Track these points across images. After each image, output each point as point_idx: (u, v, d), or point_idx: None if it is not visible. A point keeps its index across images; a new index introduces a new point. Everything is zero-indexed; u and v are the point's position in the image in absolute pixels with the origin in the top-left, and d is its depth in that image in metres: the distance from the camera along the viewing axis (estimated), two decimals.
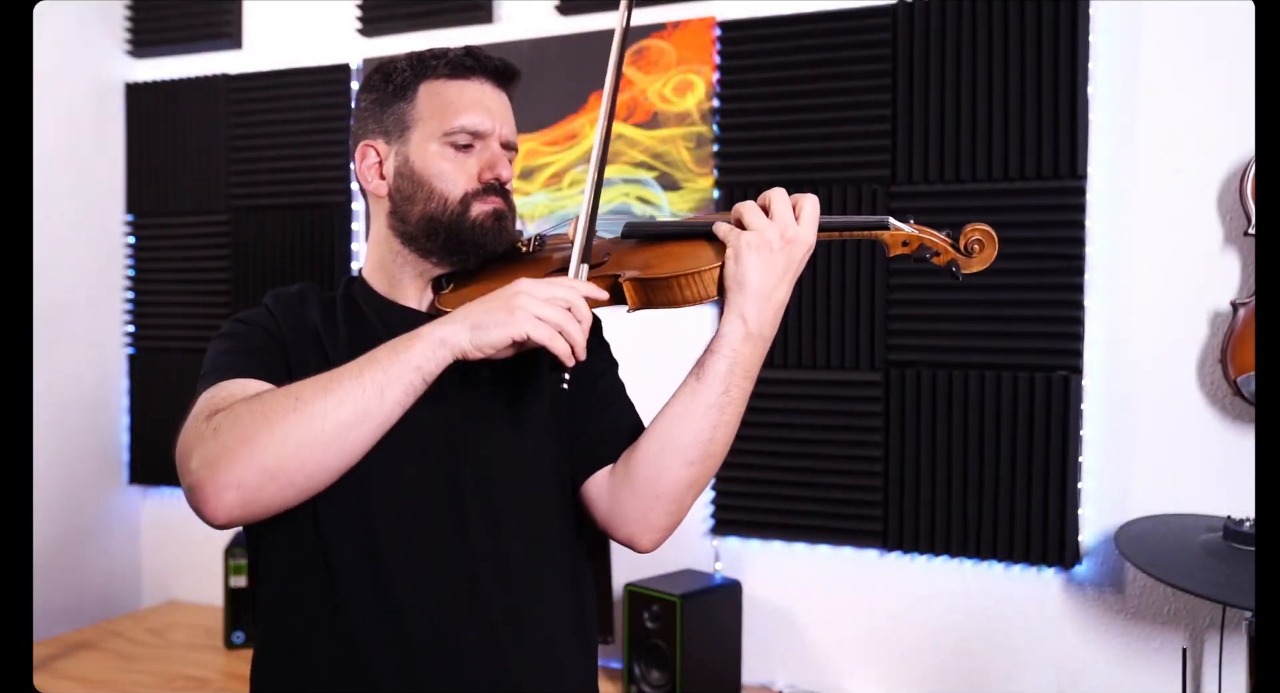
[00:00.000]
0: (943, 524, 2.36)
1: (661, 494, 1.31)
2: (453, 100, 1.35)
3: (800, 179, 2.48)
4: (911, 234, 1.34)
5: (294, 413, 1.14)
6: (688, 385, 1.30)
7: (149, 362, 3.21)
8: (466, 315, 1.19)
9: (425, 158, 1.35)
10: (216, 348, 1.35)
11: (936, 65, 2.36)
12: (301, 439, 1.13)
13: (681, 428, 1.28)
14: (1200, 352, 2.21)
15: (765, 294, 1.26)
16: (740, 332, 1.27)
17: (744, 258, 1.26)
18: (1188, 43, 2.21)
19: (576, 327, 1.19)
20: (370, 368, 1.17)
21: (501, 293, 1.20)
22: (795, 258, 1.28)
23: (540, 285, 1.20)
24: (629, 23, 1.35)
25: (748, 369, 1.28)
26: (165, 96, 3.20)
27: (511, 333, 1.17)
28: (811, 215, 1.29)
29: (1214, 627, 2.17)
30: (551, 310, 1.18)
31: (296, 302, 1.41)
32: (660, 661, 2.35)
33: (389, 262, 1.40)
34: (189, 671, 2.61)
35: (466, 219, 1.34)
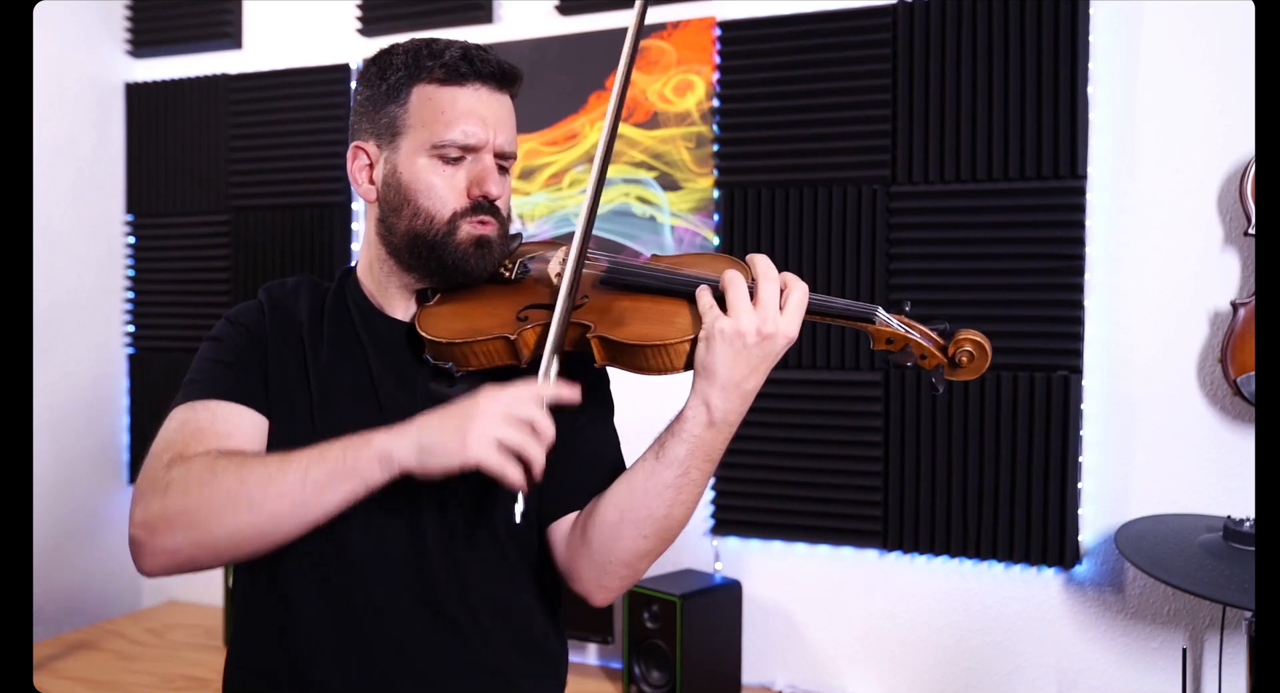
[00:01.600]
0: (943, 524, 2.36)
1: (615, 561, 1.29)
2: (444, 110, 1.29)
3: (800, 179, 2.48)
4: (898, 333, 1.25)
5: (234, 496, 1.14)
6: (646, 462, 1.25)
7: (149, 362, 3.21)
8: (419, 433, 1.13)
9: (413, 170, 1.30)
10: (203, 352, 1.36)
11: (936, 65, 2.36)
12: (237, 523, 1.15)
13: (638, 501, 1.25)
14: (1200, 352, 2.21)
15: (733, 385, 1.19)
16: (703, 418, 1.21)
17: (715, 347, 1.19)
18: (1188, 43, 2.21)
19: (536, 447, 1.11)
20: (317, 465, 1.14)
21: (460, 409, 1.13)
22: (772, 351, 1.20)
23: (501, 402, 1.12)
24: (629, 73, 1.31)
25: (709, 453, 1.23)
26: (165, 96, 3.20)
27: (461, 461, 1.11)
28: (797, 308, 1.21)
29: (1214, 627, 2.17)
30: (510, 431, 1.10)
31: (289, 298, 1.40)
32: (660, 661, 2.35)
33: (376, 267, 1.38)
34: (189, 671, 2.61)
35: (452, 242, 1.29)
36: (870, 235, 2.41)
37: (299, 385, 1.33)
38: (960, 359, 1.25)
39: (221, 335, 1.36)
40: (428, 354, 1.31)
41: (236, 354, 1.33)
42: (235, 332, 1.36)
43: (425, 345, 1.31)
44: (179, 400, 1.30)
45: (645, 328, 1.23)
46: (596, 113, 2.69)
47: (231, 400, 1.29)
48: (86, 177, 3.13)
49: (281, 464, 1.16)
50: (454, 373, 1.30)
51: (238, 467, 1.17)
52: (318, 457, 1.15)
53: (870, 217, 2.41)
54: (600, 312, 1.27)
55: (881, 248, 2.40)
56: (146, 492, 1.19)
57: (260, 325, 1.37)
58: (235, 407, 1.29)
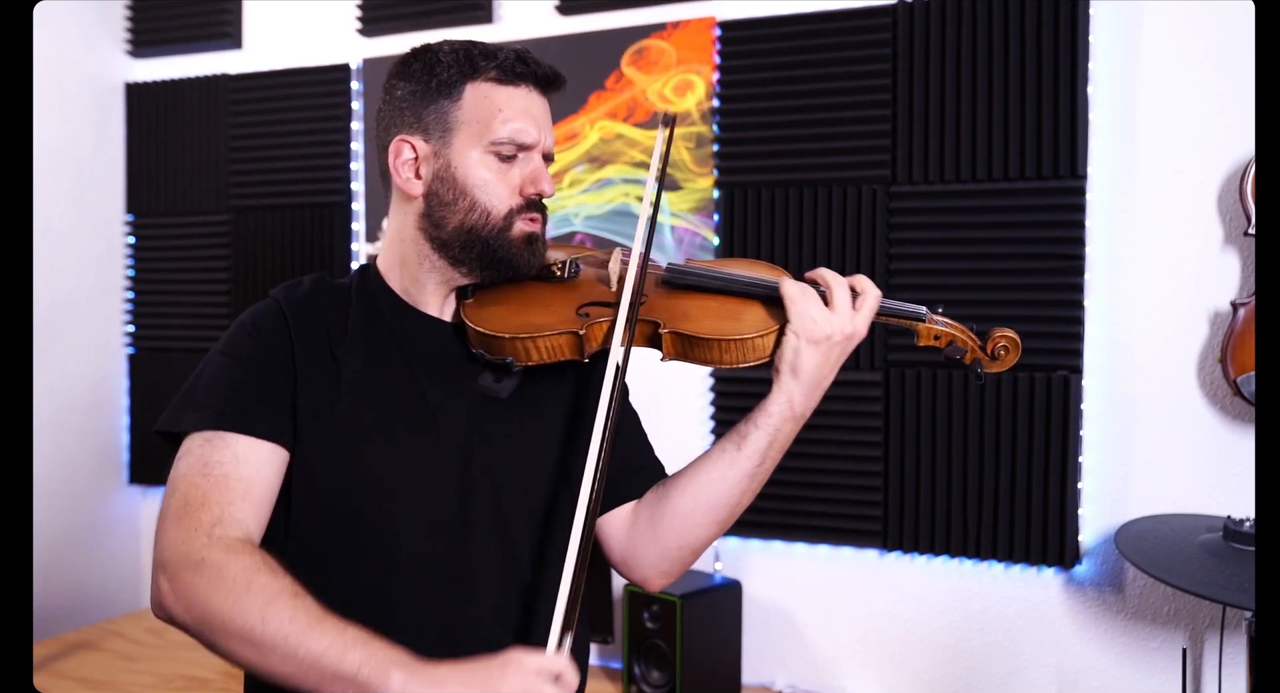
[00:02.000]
0: (943, 524, 2.36)
1: (684, 546, 1.37)
2: (501, 107, 1.30)
3: (800, 179, 2.48)
4: (944, 330, 1.38)
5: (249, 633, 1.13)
6: (726, 452, 1.33)
7: (149, 362, 3.21)
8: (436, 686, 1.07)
9: (468, 165, 1.30)
10: (217, 364, 1.30)
11: (936, 65, 2.36)
12: (238, 651, 1.16)
13: (715, 491, 1.33)
14: (1200, 352, 2.21)
15: (817, 383, 1.30)
16: (787, 413, 1.31)
17: (803, 351, 1.28)
18: (1188, 43, 2.21)
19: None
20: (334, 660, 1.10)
21: (487, 676, 1.08)
22: (849, 350, 1.31)
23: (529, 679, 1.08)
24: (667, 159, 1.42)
25: (784, 444, 1.33)
26: (165, 96, 3.20)
27: None
28: (870, 312, 1.31)
29: (1214, 627, 2.17)
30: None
31: (309, 303, 1.34)
32: (660, 661, 2.35)
33: (413, 263, 1.35)
34: (189, 671, 2.61)
35: (507, 236, 1.31)
36: (870, 235, 2.41)
37: (330, 393, 1.29)
38: (998, 352, 1.38)
39: (237, 349, 1.30)
40: (478, 349, 1.31)
41: (254, 372, 1.28)
42: (255, 345, 1.30)
43: (474, 339, 1.31)
44: (194, 424, 1.25)
45: (718, 323, 1.31)
46: (597, 112, 2.69)
47: (249, 434, 1.24)
48: (86, 177, 3.13)
49: (305, 631, 1.11)
50: (512, 367, 1.31)
51: (270, 600, 1.14)
52: (340, 650, 1.10)
53: (870, 217, 2.41)
54: (665, 310, 1.33)
55: (881, 248, 2.40)
56: (180, 553, 1.18)
57: (283, 335, 1.31)
58: (253, 442, 1.24)
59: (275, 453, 1.26)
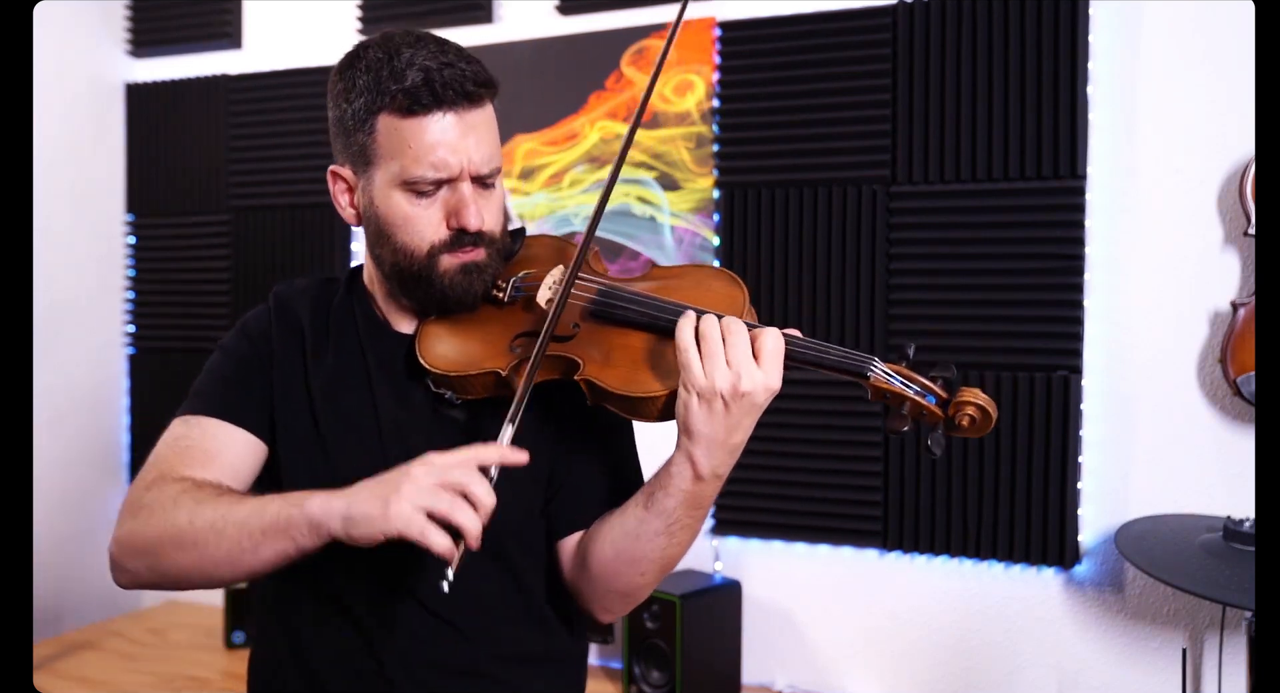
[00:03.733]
0: (943, 524, 2.36)
1: (614, 591, 1.30)
2: (410, 143, 1.21)
3: (800, 179, 2.48)
4: (895, 390, 1.15)
5: (182, 537, 1.15)
6: (636, 511, 1.23)
7: (149, 362, 3.21)
8: (349, 501, 1.08)
9: (389, 204, 1.24)
10: (211, 363, 1.36)
11: (936, 65, 2.36)
12: (181, 562, 1.16)
13: (632, 546, 1.24)
14: (1200, 352, 2.21)
15: (717, 442, 1.16)
16: (689, 474, 1.18)
17: (693, 408, 1.13)
18: (1188, 43, 2.21)
19: (469, 515, 1.04)
20: (256, 519, 1.12)
21: (391, 477, 1.08)
22: (754, 405, 1.14)
23: (434, 467, 1.06)
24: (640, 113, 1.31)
25: (699, 502, 1.21)
26: (165, 96, 3.19)
27: (382, 530, 1.05)
28: (774, 358, 1.14)
29: (1214, 627, 2.17)
30: (437, 498, 1.04)
31: (296, 302, 1.38)
32: (660, 661, 2.35)
33: (376, 282, 1.37)
34: (189, 671, 2.61)
35: (435, 274, 1.25)
36: (870, 235, 2.41)
37: (301, 397, 1.32)
38: (961, 421, 1.14)
39: (229, 347, 1.36)
40: (428, 379, 1.29)
41: (239, 369, 1.33)
42: (242, 344, 1.35)
43: (424, 371, 1.28)
44: (180, 412, 1.32)
45: (629, 373, 1.19)
46: (597, 112, 2.69)
47: (225, 419, 1.29)
48: (86, 177, 3.13)
49: (229, 509, 1.14)
50: (453, 401, 1.29)
51: (194, 504, 1.17)
52: (259, 509, 1.13)
53: (870, 217, 2.41)
54: (590, 346, 1.23)
55: (881, 248, 2.40)
56: (125, 511, 1.22)
57: (267, 335, 1.35)
58: (227, 426, 1.28)
59: (248, 440, 1.30)
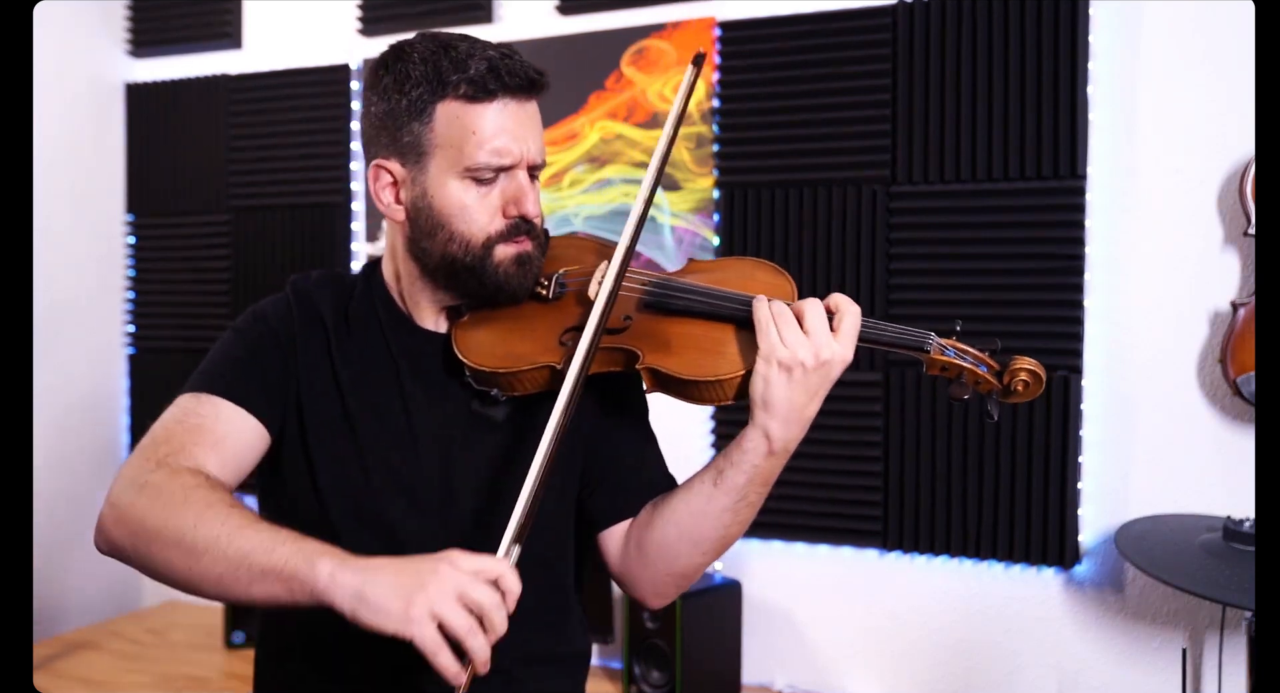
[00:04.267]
0: (943, 524, 2.36)
1: (675, 572, 1.31)
2: (474, 129, 1.22)
3: (800, 179, 2.48)
4: (952, 362, 1.22)
5: (180, 541, 1.12)
6: (704, 487, 1.24)
7: (149, 362, 3.21)
8: (364, 581, 1.03)
9: (445, 193, 1.23)
10: (223, 342, 1.32)
11: (936, 65, 2.36)
12: (170, 562, 1.13)
13: (696, 524, 1.26)
14: (1200, 352, 2.21)
15: (794, 415, 1.18)
16: (763, 449, 1.20)
17: (773, 380, 1.16)
18: (1188, 43, 2.21)
19: (480, 641, 1.01)
20: (263, 555, 1.07)
21: (418, 569, 1.03)
22: (830, 377, 1.18)
23: (462, 575, 1.02)
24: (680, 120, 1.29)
25: (767, 479, 1.23)
26: (165, 96, 3.19)
27: (395, 629, 1.01)
28: (850, 332, 1.19)
29: (1214, 627, 2.17)
30: (458, 615, 1.00)
31: (315, 293, 1.36)
32: (660, 661, 2.35)
33: (406, 280, 1.33)
34: (189, 671, 2.61)
35: (489, 264, 1.24)
36: (870, 235, 2.41)
37: (328, 389, 1.30)
38: (1016, 387, 1.22)
39: (245, 329, 1.33)
40: (469, 377, 1.28)
41: (255, 353, 1.30)
42: (258, 328, 1.32)
43: (465, 369, 1.27)
44: (189, 387, 1.28)
45: (696, 359, 1.20)
46: (597, 112, 2.69)
47: (236, 402, 1.26)
48: (86, 177, 3.13)
49: (236, 531, 1.10)
50: (498, 398, 1.27)
51: (204, 508, 1.13)
52: (268, 546, 1.08)
53: (870, 217, 2.41)
54: (646, 337, 1.23)
55: (881, 248, 2.40)
56: (128, 479, 1.18)
57: (288, 324, 1.32)
58: (238, 410, 1.26)
59: (255, 426, 1.27)
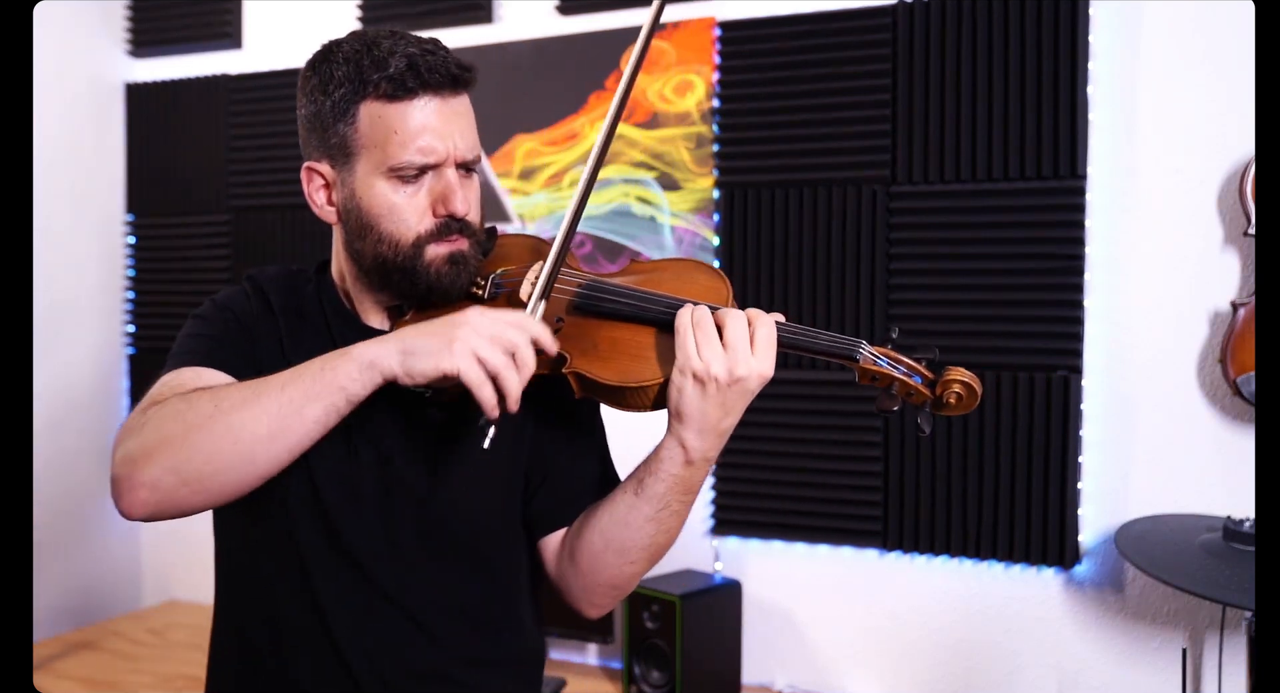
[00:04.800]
0: (943, 524, 2.36)
1: (602, 583, 1.30)
2: (396, 128, 1.21)
3: (800, 179, 2.48)
4: (883, 371, 1.20)
5: (212, 420, 1.10)
6: (626, 497, 1.24)
7: (149, 362, 3.21)
8: (402, 338, 1.12)
9: (372, 194, 1.23)
10: (188, 329, 1.33)
11: (936, 65, 2.36)
12: (216, 448, 1.10)
13: (621, 533, 1.25)
14: (1200, 352, 2.21)
15: (708, 427, 1.17)
16: (680, 458, 1.19)
17: (687, 391, 1.15)
18: (1188, 43, 2.21)
19: (515, 376, 1.09)
20: (294, 383, 1.11)
21: (448, 319, 1.12)
22: (746, 392, 1.16)
23: (490, 320, 1.11)
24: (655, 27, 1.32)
25: (689, 487, 1.22)
26: (165, 96, 3.20)
27: (443, 366, 1.08)
28: (767, 346, 1.16)
29: (1214, 627, 2.17)
30: (493, 351, 1.08)
31: (271, 288, 1.37)
32: (660, 661, 2.35)
33: (349, 279, 1.34)
34: (189, 671, 2.61)
35: (421, 264, 1.24)
36: (870, 235, 2.41)
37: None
38: (948, 399, 1.19)
39: (207, 316, 1.35)
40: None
41: (224, 334, 1.31)
42: (222, 315, 1.34)
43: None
44: (167, 368, 1.27)
45: (620, 364, 1.20)
46: (597, 113, 2.69)
47: (218, 369, 1.26)
48: (86, 176, 3.13)
49: (258, 386, 1.13)
50: (427, 399, 1.24)
51: (213, 394, 1.14)
52: (295, 375, 1.12)
53: (870, 217, 2.41)
54: (575, 340, 1.23)
55: (881, 248, 2.40)
56: (125, 434, 1.16)
57: (248, 313, 1.34)
58: (221, 374, 1.25)
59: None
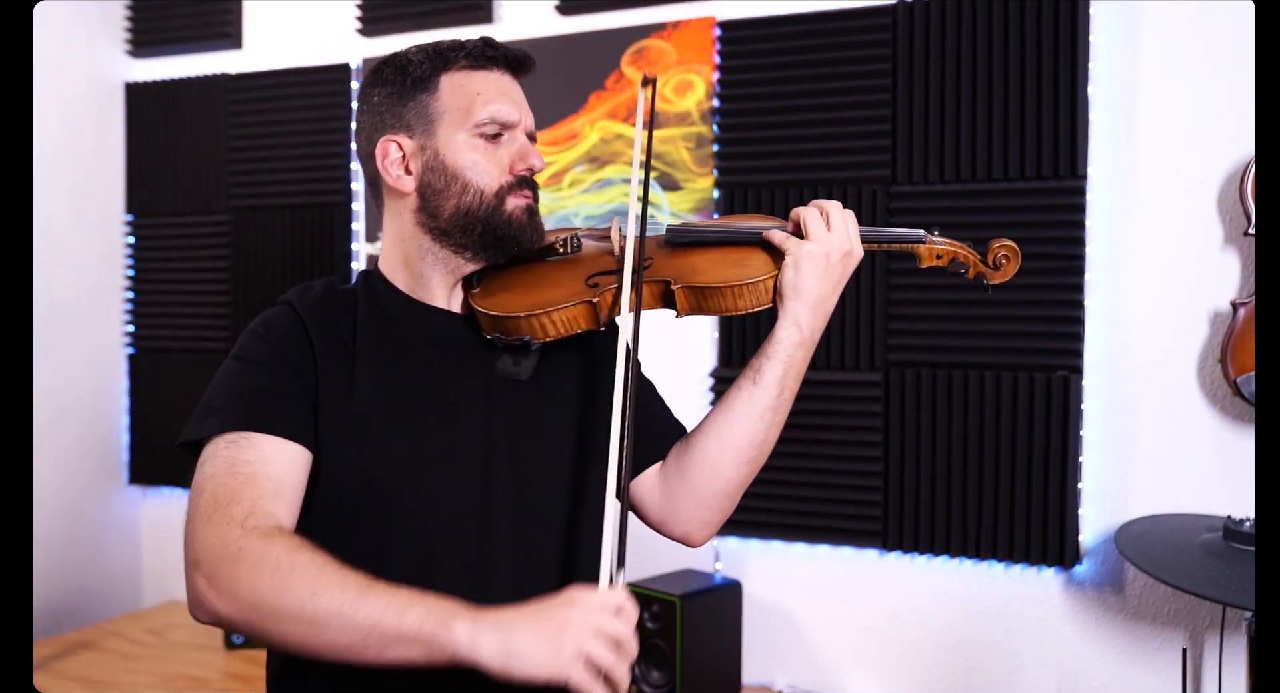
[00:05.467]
0: (943, 524, 2.36)
1: (719, 492, 1.39)
2: (479, 90, 1.34)
3: (800, 179, 2.48)
4: (945, 248, 1.40)
5: (301, 610, 1.10)
6: (744, 389, 1.35)
7: (149, 362, 3.21)
8: (509, 634, 1.07)
9: (455, 149, 1.33)
10: (232, 371, 1.28)
11: (936, 65, 2.36)
12: (292, 633, 1.12)
13: (739, 430, 1.35)
14: (1200, 352, 2.21)
15: (821, 302, 1.32)
16: (796, 337, 1.32)
17: (804, 268, 1.31)
18: (1188, 43, 2.21)
19: (623, 669, 1.09)
20: (392, 619, 1.08)
21: (553, 615, 1.08)
22: (849, 269, 1.35)
23: (593, 615, 1.08)
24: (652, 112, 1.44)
25: (799, 372, 1.34)
26: (165, 96, 3.20)
27: (552, 675, 1.06)
28: (856, 230, 1.35)
29: (1214, 627, 2.17)
30: (601, 650, 1.07)
31: (323, 303, 1.34)
32: (660, 661, 2.35)
33: (415, 259, 1.35)
34: (189, 671, 2.61)
35: (502, 213, 1.33)
36: None
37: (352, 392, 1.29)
38: (999, 262, 1.39)
39: (253, 353, 1.29)
40: (492, 334, 1.33)
41: (275, 375, 1.27)
42: (270, 348, 1.29)
43: (487, 325, 1.33)
44: (215, 428, 1.24)
45: (727, 271, 1.33)
46: (597, 112, 2.69)
47: (278, 434, 1.23)
48: (86, 177, 3.13)
49: (358, 598, 1.10)
50: (531, 345, 1.33)
51: (316, 575, 1.12)
52: (398, 610, 1.09)
53: (870, 217, 2.41)
54: (673, 268, 1.35)
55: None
56: (217, 549, 1.15)
57: (300, 335, 1.30)
58: (279, 442, 1.23)
59: (301, 454, 1.25)
